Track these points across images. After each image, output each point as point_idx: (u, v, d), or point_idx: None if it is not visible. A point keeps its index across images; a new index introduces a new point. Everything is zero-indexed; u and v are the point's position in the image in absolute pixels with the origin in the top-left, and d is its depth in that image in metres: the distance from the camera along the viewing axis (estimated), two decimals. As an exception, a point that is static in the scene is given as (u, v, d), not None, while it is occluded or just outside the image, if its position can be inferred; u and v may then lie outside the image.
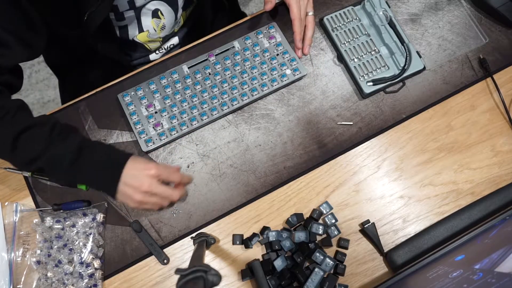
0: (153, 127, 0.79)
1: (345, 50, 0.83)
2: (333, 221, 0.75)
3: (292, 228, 0.75)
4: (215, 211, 0.77)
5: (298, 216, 0.75)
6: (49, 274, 0.72)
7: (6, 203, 0.77)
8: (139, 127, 0.79)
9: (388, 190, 0.78)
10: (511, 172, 0.79)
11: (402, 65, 0.82)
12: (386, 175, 0.79)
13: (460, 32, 0.87)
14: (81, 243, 0.74)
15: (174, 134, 0.79)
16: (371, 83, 0.81)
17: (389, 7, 0.85)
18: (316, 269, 0.70)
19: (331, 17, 0.85)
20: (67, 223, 0.75)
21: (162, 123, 0.79)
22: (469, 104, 0.83)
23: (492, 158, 0.80)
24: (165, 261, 0.74)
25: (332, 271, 0.73)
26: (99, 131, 0.81)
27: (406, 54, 0.82)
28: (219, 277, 0.50)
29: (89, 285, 0.72)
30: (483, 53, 0.85)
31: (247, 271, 0.72)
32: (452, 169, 0.79)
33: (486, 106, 0.83)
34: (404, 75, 0.82)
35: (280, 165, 0.80)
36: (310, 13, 0.82)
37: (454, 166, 0.79)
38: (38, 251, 0.74)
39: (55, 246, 0.74)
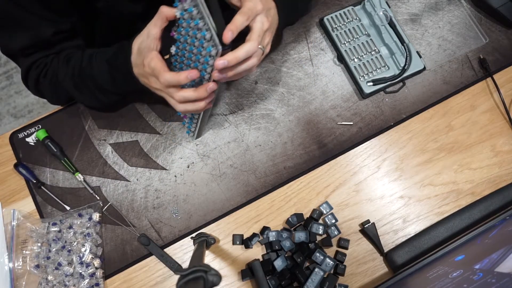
0: None
1: (345, 50, 0.83)
2: (333, 221, 0.75)
3: (292, 228, 0.75)
4: (215, 211, 0.77)
5: (298, 216, 0.75)
6: (49, 278, 0.72)
7: (3, 210, 0.77)
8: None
9: (388, 190, 0.78)
10: (511, 172, 0.79)
11: (402, 65, 0.82)
12: (386, 175, 0.79)
13: (460, 32, 0.87)
14: (79, 244, 0.74)
15: None
16: (371, 83, 0.81)
17: (389, 7, 0.85)
18: (316, 269, 0.70)
19: (331, 17, 0.85)
20: (63, 225, 0.75)
21: None
22: (469, 104, 0.83)
23: (492, 158, 0.80)
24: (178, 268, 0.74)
25: (332, 271, 0.73)
26: (99, 131, 0.81)
27: (406, 54, 0.82)
28: (219, 277, 0.50)
29: (91, 285, 0.72)
30: (483, 53, 0.85)
31: (247, 271, 0.72)
32: (452, 169, 0.79)
33: (486, 106, 0.83)
34: (404, 75, 0.82)
35: (280, 165, 0.80)
36: (260, 46, 0.61)
37: (454, 166, 0.79)
38: (37, 255, 0.74)
39: (53, 249, 0.73)
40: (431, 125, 0.82)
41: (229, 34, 0.54)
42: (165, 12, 0.59)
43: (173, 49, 0.62)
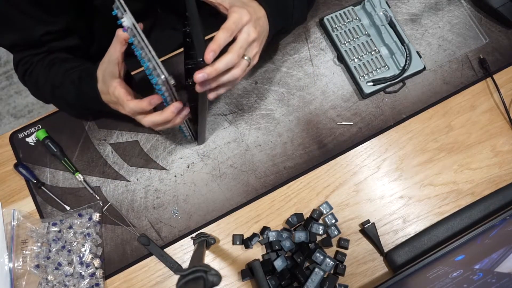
0: None
1: (345, 50, 0.83)
2: (333, 221, 0.75)
3: (292, 228, 0.75)
4: (215, 211, 0.77)
5: (298, 216, 0.75)
6: (49, 278, 0.72)
7: (3, 210, 0.77)
8: None
9: (388, 190, 0.78)
10: (511, 172, 0.79)
11: (402, 65, 0.82)
12: (386, 175, 0.79)
13: (460, 32, 0.87)
14: (79, 244, 0.74)
15: None
16: (371, 83, 0.81)
17: (389, 7, 0.85)
18: (316, 269, 0.70)
19: (331, 17, 0.85)
20: (63, 225, 0.75)
21: None
22: (469, 104, 0.83)
23: (492, 158, 0.80)
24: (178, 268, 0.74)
25: (332, 271, 0.73)
26: (99, 131, 0.81)
27: (406, 54, 0.82)
28: (219, 277, 0.50)
29: (91, 285, 0.72)
30: (483, 53, 0.85)
31: (247, 271, 0.72)
32: (452, 169, 0.79)
33: (486, 106, 0.83)
34: (404, 75, 0.82)
35: (280, 165, 0.80)
36: (246, 58, 0.61)
37: (454, 166, 0.79)
38: (37, 255, 0.74)
39: (54, 249, 0.73)
40: (431, 125, 0.82)
41: (210, 55, 0.53)
42: (122, 35, 0.58)
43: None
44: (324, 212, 0.76)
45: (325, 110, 0.82)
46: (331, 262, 0.70)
